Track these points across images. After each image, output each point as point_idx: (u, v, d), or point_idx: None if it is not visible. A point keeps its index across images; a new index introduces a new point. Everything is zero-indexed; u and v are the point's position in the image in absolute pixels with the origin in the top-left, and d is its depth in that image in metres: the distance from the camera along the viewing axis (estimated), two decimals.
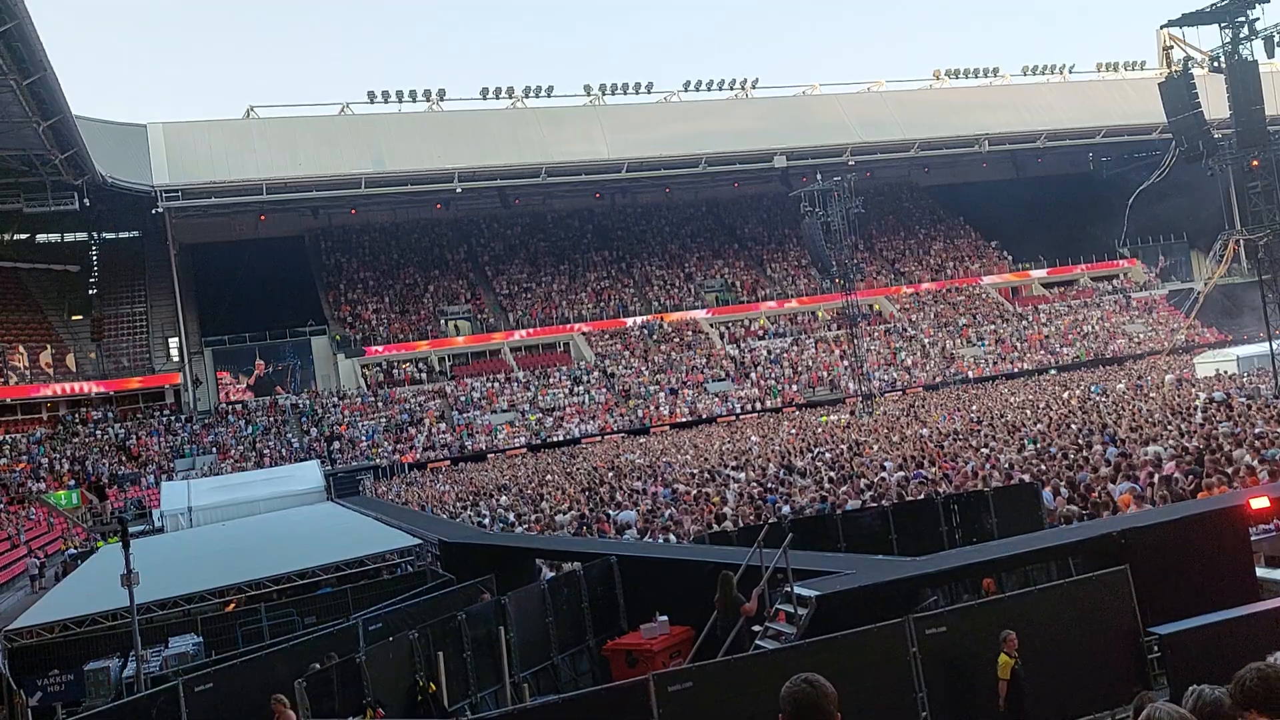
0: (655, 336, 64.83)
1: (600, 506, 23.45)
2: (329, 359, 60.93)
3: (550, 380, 60.01)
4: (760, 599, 10.39)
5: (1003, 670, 8.36)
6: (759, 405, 57.85)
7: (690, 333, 65.85)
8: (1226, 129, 35.56)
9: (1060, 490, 15.21)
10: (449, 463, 51.05)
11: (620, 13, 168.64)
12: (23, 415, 53.12)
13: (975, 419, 32.04)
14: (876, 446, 27.94)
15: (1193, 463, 15.09)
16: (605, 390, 59.26)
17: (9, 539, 36.74)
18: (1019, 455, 20.14)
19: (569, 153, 65.40)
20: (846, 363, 60.35)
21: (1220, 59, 33.38)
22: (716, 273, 72.64)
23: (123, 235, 65.67)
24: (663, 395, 58.40)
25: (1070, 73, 79.00)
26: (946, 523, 14.65)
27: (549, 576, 15.67)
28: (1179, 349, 59.36)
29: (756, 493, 21.03)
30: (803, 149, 67.17)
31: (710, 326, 66.79)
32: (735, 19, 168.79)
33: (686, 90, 71.24)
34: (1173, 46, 38.68)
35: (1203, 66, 36.37)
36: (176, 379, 58.02)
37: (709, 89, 71.35)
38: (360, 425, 54.71)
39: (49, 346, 56.10)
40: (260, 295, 60.94)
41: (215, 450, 52.01)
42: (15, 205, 51.65)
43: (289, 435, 54.05)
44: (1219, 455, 15.32)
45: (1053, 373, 58.22)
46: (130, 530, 16.37)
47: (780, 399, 58.58)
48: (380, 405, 57.13)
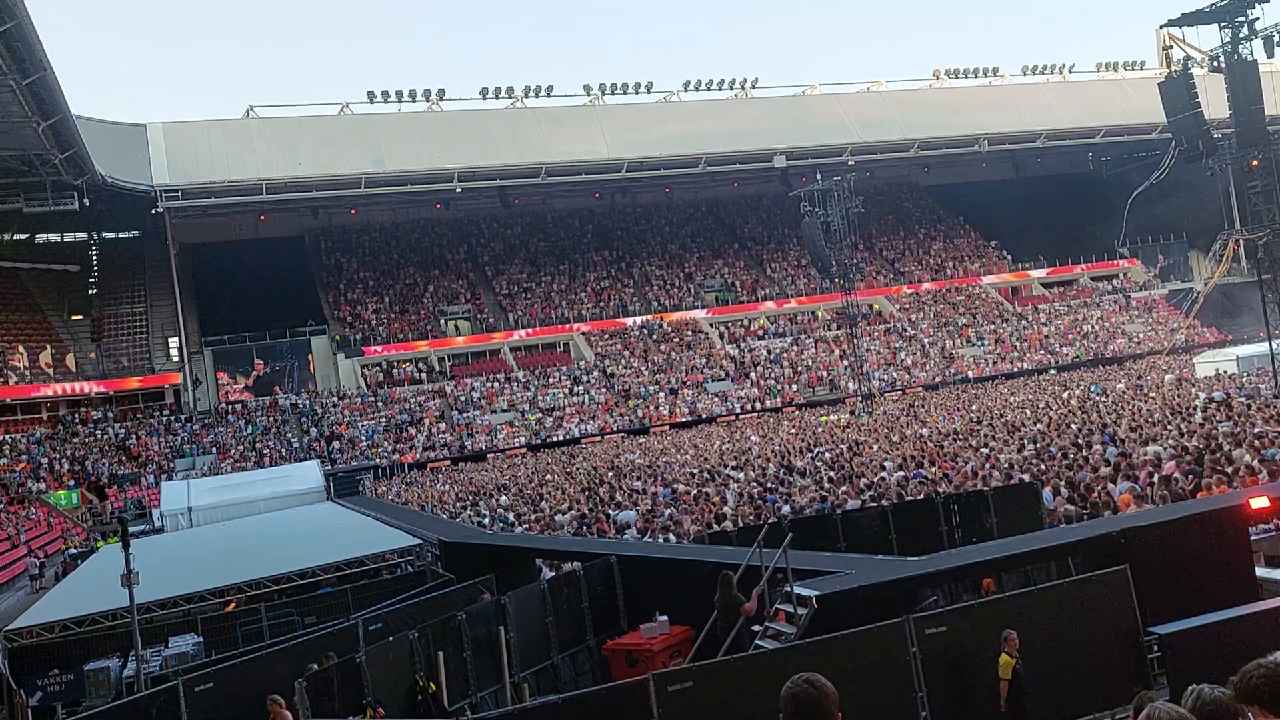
0: (655, 336, 64.81)
1: (600, 506, 23.44)
2: (329, 359, 60.89)
3: (550, 380, 60.00)
4: (760, 599, 10.39)
5: (1004, 670, 8.35)
6: (759, 405, 57.84)
7: (690, 333, 65.83)
8: (1226, 129, 35.61)
9: (1060, 490, 15.20)
10: (449, 463, 51.04)
11: (620, 13, 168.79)
12: (23, 415, 53.13)
13: (975, 419, 32.04)
14: (876, 446, 27.93)
15: (1192, 462, 15.08)
16: (605, 390, 59.25)
17: (9, 539, 36.75)
18: (1019, 455, 20.12)
19: (569, 153, 65.40)
20: (846, 363, 60.35)
21: (1220, 59, 33.43)
22: (716, 273, 72.63)
23: (122, 235, 65.67)
24: (662, 395, 58.38)
25: (1070, 73, 79.04)
26: (946, 522, 14.64)
27: (549, 576, 15.67)
28: (1179, 349, 59.33)
29: (756, 493, 21.02)
30: (802, 149, 67.15)
31: (710, 326, 66.77)
32: (735, 19, 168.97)
33: (686, 90, 71.28)
34: (1172, 46, 38.75)
35: (1202, 66, 36.41)
36: (176, 379, 58.02)
37: (709, 89, 71.36)
38: (360, 425, 54.70)
39: (49, 346, 56.09)
40: (260, 295, 60.93)
41: (215, 450, 52.00)
42: (15, 205, 51.67)
43: (289, 435, 54.05)
44: (1219, 455, 15.31)
45: (1052, 372, 58.20)
46: (130, 530, 16.36)
47: (780, 399, 58.56)
48: (380, 405, 57.12)
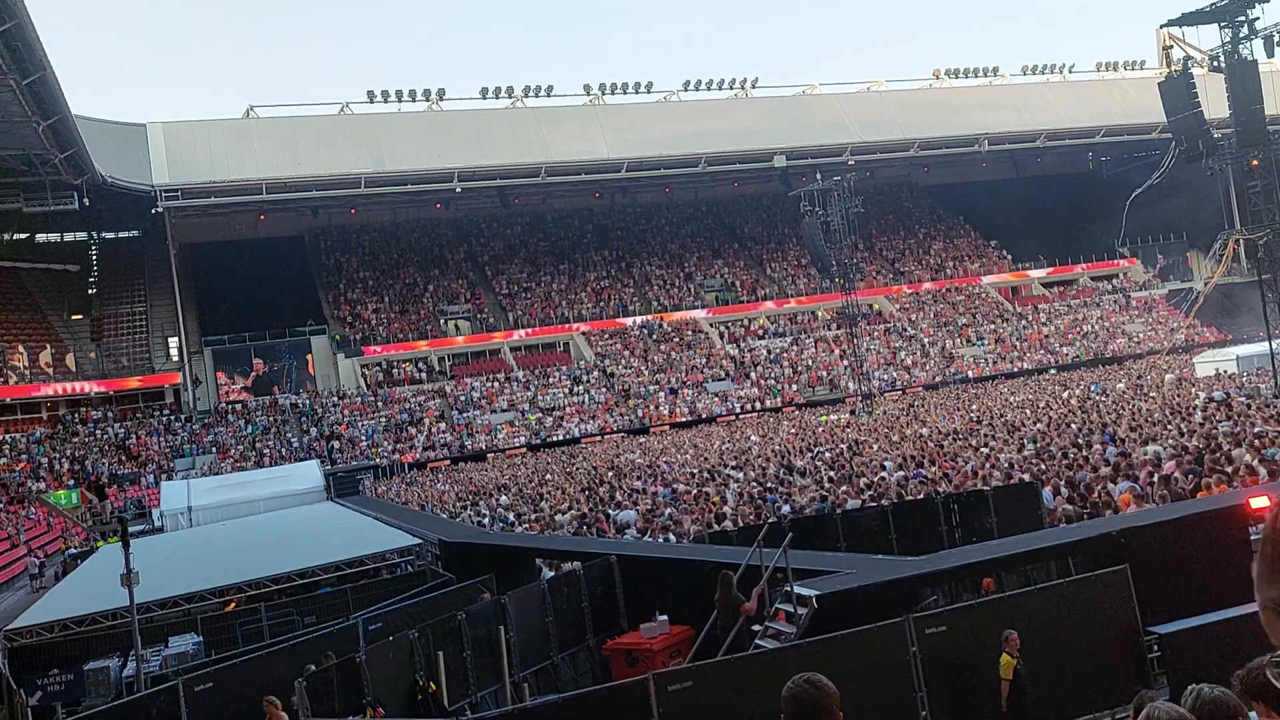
0: (655, 336, 64.80)
1: (600, 506, 23.43)
2: (329, 358, 60.85)
3: (550, 380, 59.99)
4: (760, 598, 10.39)
5: (1005, 670, 8.34)
6: (759, 405, 57.83)
7: (690, 332, 65.81)
8: (1226, 128, 35.59)
9: (1060, 490, 15.19)
10: (449, 462, 51.02)
11: (620, 13, 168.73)
12: (22, 415, 53.11)
13: (975, 418, 32.04)
14: (876, 446, 27.92)
15: (1192, 462, 15.07)
16: (605, 390, 59.24)
17: (9, 539, 36.73)
18: (1019, 455, 20.12)
19: (569, 152, 65.38)
20: (846, 362, 60.33)
21: (1220, 58, 33.42)
22: (716, 272, 72.61)
23: (122, 235, 65.66)
24: (662, 395, 58.38)
25: (1070, 72, 79.01)
26: (946, 522, 14.65)
27: (549, 576, 15.67)
28: (1178, 348, 59.31)
29: (756, 492, 21.02)
30: (802, 149, 67.13)
31: (710, 326, 66.75)
32: (735, 19, 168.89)
33: (686, 90, 71.26)
34: (1172, 46, 38.71)
35: (1202, 66, 36.38)
36: (176, 379, 58.00)
37: (709, 89, 71.34)
38: (360, 425, 54.69)
39: (49, 346, 56.07)
40: (260, 295, 60.90)
41: (215, 450, 51.98)
42: (15, 205, 51.66)
43: (289, 435, 54.03)
44: (1219, 455, 15.30)
45: (1052, 372, 58.18)
46: (130, 530, 16.37)
47: (780, 399, 58.54)
48: (380, 405, 57.10)
